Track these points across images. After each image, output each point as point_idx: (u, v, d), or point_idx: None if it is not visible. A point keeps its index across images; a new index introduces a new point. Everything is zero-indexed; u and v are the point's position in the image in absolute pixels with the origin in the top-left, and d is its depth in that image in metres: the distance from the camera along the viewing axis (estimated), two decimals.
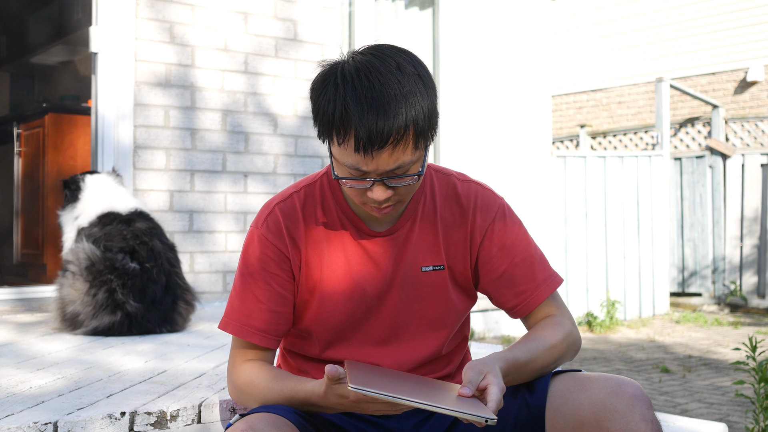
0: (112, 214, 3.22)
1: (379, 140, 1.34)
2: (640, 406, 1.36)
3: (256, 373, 1.51)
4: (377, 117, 1.33)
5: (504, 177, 6.12)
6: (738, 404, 4.13)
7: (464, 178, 1.65)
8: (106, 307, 3.01)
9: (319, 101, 1.41)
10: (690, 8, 11.04)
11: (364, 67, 1.38)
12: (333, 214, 1.57)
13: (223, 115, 4.49)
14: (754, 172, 8.43)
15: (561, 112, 12.43)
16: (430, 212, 1.59)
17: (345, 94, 1.36)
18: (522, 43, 6.39)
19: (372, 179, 1.40)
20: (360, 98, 1.34)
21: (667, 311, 8.03)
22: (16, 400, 1.87)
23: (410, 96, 1.36)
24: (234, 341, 1.58)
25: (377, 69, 1.37)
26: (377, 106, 1.33)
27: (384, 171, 1.38)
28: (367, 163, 1.37)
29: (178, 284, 3.23)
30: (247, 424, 1.34)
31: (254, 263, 1.55)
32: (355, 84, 1.36)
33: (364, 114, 1.33)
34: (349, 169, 1.40)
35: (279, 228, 1.55)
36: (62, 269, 3.18)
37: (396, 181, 1.41)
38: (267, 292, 1.53)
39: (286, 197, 1.58)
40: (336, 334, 1.57)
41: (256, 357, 1.55)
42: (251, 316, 1.53)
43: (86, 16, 5.64)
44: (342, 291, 1.55)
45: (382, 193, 1.41)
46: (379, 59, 1.39)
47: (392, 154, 1.36)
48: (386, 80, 1.36)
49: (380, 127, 1.33)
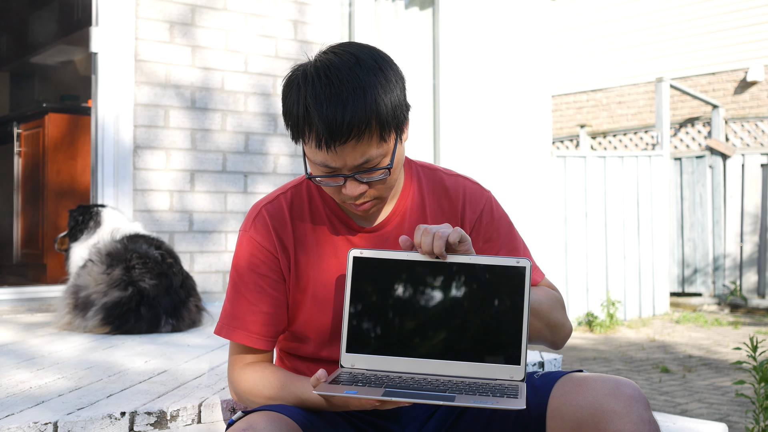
0: (137, 236, 3.37)
1: (340, 134, 1.36)
2: (637, 407, 1.36)
3: (259, 378, 1.51)
4: (335, 111, 1.35)
5: (504, 177, 6.12)
6: (738, 404, 4.13)
7: (450, 172, 1.67)
8: (120, 284, 3.10)
9: (286, 104, 1.44)
10: (690, 8, 11.04)
11: (323, 65, 1.41)
12: (321, 213, 1.58)
13: (223, 115, 4.49)
14: (754, 172, 8.43)
15: (561, 112, 12.43)
16: (418, 207, 1.60)
17: (306, 94, 1.39)
18: (522, 43, 6.39)
19: (343, 175, 1.42)
20: (318, 96, 1.37)
21: (667, 311, 8.03)
22: (16, 400, 1.87)
23: (369, 89, 1.38)
24: (231, 345, 1.59)
25: (335, 66, 1.39)
26: (335, 101, 1.36)
27: (353, 166, 1.40)
28: (333, 159, 1.39)
29: (194, 287, 3.37)
30: (248, 423, 1.34)
31: (244, 266, 1.56)
32: (315, 83, 1.38)
33: (323, 110, 1.36)
34: (320, 167, 1.43)
35: (267, 229, 1.55)
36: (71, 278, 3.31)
37: (366, 175, 1.43)
38: (258, 294, 1.54)
39: (272, 199, 1.60)
40: (330, 332, 1.56)
41: (255, 360, 1.56)
42: (245, 320, 1.54)
43: (86, 16, 5.64)
44: (334, 289, 1.55)
45: (355, 189, 1.43)
46: (338, 56, 1.41)
47: (356, 147, 1.38)
48: (344, 76, 1.38)
49: (339, 121, 1.35)
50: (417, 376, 1.36)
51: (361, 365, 1.39)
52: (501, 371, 1.35)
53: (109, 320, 3.04)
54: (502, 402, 1.23)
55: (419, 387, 1.30)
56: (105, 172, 4.13)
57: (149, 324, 3.10)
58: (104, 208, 3.56)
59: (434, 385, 1.31)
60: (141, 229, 3.47)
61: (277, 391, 1.47)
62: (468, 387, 1.31)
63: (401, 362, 1.38)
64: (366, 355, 1.39)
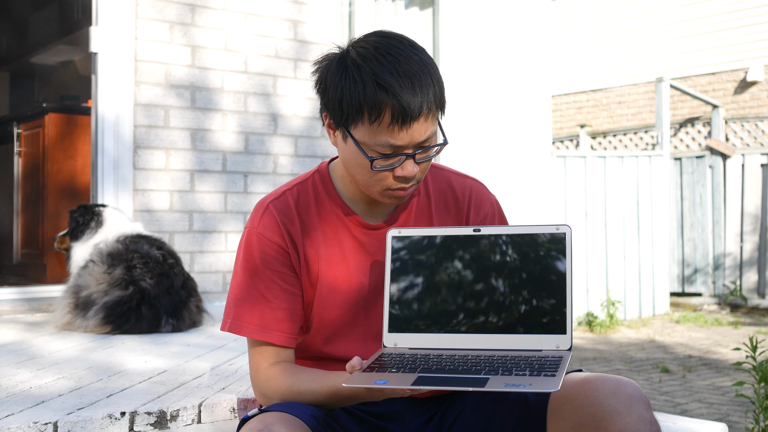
0: (138, 236, 3.37)
1: (417, 110, 1.37)
2: (638, 407, 1.36)
3: (288, 377, 1.46)
4: (413, 88, 1.36)
5: (504, 177, 6.12)
6: (738, 404, 4.13)
7: (458, 172, 1.67)
8: (120, 283, 3.10)
9: (341, 85, 1.40)
10: (690, 8, 11.04)
11: (380, 46, 1.41)
12: (327, 209, 1.57)
13: (223, 115, 4.49)
14: (754, 172, 8.43)
15: (561, 112, 12.43)
16: (424, 205, 1.61)
17: (373, 71, 1.37)
18: (522, 43, 6.39)
19: (406, 154, 1.41)
20: (391, 72, 1.37)
21: (667, 311, 8.03)
22: (16, 400, 1.87)
23: (431, 67, 1.41)
24: (251, 345, 1.54)
25: (395, 46, 1.40)
26: (411, 77, 1.37)
27: (418, 143, 1.40)
28: (402, 137, 1.39)
29: (195, 288, 3.37)
30: (264, 424, 1.32)
31: (257, 264, 1.52)
32: (380, 60, 1.38)
33: (399, 86, 1.36)
34: (381, 148, 1.40)
35: (276, 225, 1.54)
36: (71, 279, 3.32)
37: (424, 154, 1.43)
38: (275, 290, 1.51)
39: (279, 195, 1.58)
40: (336, 329, 1.55)
41: (279, 358, 1.51)
42: (264, 317, 1.50)
43: (86, 16, 5.64)
44: (340, 285, 1.55)
45: (413, 168, 1.42)
46: (388, 38, 1.43)
47: (424, 123, 1.39)
48: (408, 54, 1.39)
49: (416, 99, 1.36)
50: (456, 355, 1.32)
51: (404, 344, 1.37)
52: (546, 341, 1.31)
53: (109, 319, 3.04)
54: (537, 384, 1.19)
55: (454, 369, 1.27)
56: (105, 171, 4.13)
57: (150, 324, 3.10)
58: (105, 208, 3.56)
59: (470, 365, 1.27)
60: (142, 230, 3.48)
61: (310, 386, 1.43)
62: (506, 364, 1.26)
63: (444, 339, 1.35)
64: (407, 334, 1.38)
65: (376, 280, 1.55)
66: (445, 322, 1.37)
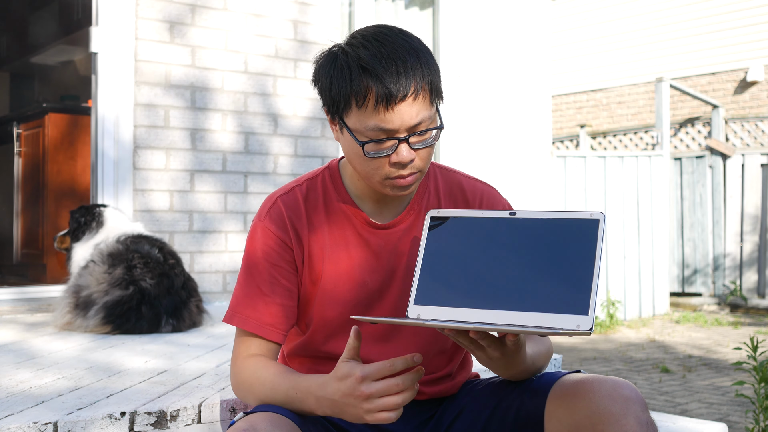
0: (139, 236, 3.37)
1: (401, 90, 1.37)
2: (634, 409, 1.35)
3: (260, 368, 1.47)
4: (397, 68, 1.37)
5: (504, 177, 6.12)
6: (738, 404, 4.13)
7: (469, 176, 1.67)
8: (121, 282, 3.10)
9: (330, 74, 1.42)
10: (690, 8, 11.04)
11: (368, 33, 1.42)
12: (335, 207, 1.57)
13: (223, 115, 4.49)
14: (754, 172, 8.43)
15: (561, 112, 12.43)
16: (434, 205, 1.60)
17: (358, 56, 1.39)
18: (522, 43, 6.39)
19: (398, 138, 1.40)
20: (375, 55, 1.38)
21: (667, 311, 8.03)
22: (16, 400, 1.87)
23: (420, 52, 1.41)
24: (238, 335, 1.55)
25: (383, 33, 1.42)
26: (394, 58, 1.38)
27: (409, 126, 1.39)
28: (391, 119, 1.38)
29: (196, 289, 3.37)
30: (249, 423, 1.33)
31: (259, 256, 1.53)
32: (366, 46, 1.40)
33: (382, 68, 1.37)
34: (372, 133, 1.40)
35: (282, 220, 1.54)
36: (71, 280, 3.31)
37: (419, 139, 1.42)
38: (272, 285, 1.52)
39: (288, 190, 1.58)
40: (336, 327, 1.55)
41: (261, 351, 1.52)
42: (257, 309, 1.51)
43: (86, 16, 5.64)
44: (344, 283, 1.54)
45: (408, 153, 1.41)
46: (381, 27, 1.44)
47: (413, 105, 1.39)
48: (395, 39, 1.41)
49: (399, 79, 1.37)
50: (479, 324, 1.33)
51: (426, 315, 1.38)
52: (568, 321, 1.30)
53: (110, 319, 3.05)
54: (564, 322, 1.24)
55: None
56: (105, 172, 4.13)
57: (150, 323, 3.11)
58: (106, 208, 3.56)
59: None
60: (143, 230, 3.48)
61: (275, 387, 1.42)
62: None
63: (467, 313, 1.35)
64: (432, 307, 1.38)
65: (380, 279, 1.55)
66: (471, 298, 1.37)
